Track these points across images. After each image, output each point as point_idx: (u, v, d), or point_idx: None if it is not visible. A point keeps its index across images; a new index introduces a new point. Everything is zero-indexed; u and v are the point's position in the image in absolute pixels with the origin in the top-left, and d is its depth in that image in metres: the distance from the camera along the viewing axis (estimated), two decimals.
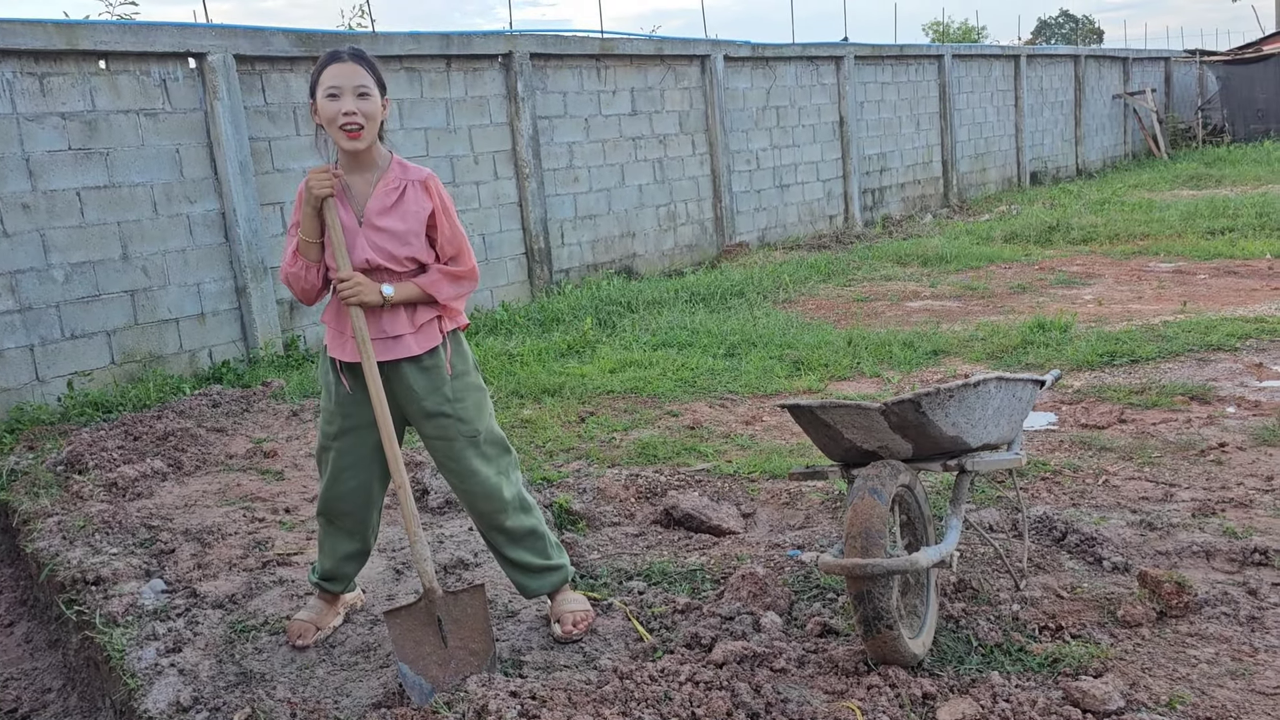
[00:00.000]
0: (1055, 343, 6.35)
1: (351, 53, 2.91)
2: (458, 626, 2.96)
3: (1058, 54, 20.14)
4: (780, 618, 3.10)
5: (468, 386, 3.08)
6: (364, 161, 2.97)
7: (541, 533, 3.23)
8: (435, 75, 9.01)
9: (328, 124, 2.88)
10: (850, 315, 8.11)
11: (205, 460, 5.35)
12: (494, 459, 3.12)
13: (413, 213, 2.94)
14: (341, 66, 2.86)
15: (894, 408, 2.75)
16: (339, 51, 2.91)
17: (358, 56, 2.91)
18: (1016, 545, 3.49)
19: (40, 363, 6.65)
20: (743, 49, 12.30)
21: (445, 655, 2.93)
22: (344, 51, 2.91)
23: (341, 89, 2.84)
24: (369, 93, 2.87)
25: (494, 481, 3.09)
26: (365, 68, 2.89)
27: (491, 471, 3.09)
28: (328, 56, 2.91)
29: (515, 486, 3.18)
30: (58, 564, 4.06)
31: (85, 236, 6.83)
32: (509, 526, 3.14)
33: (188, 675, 3.13)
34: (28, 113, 6.55)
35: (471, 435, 3.06)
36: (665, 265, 11.38)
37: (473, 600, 3.00)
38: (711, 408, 5.74)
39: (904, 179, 15.58)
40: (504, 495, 3.11)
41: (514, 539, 3.17)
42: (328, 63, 2.89)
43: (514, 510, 3.14)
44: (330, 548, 3.26)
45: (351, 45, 3.01)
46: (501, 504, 3.10)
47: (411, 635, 2.93)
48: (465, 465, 3.07)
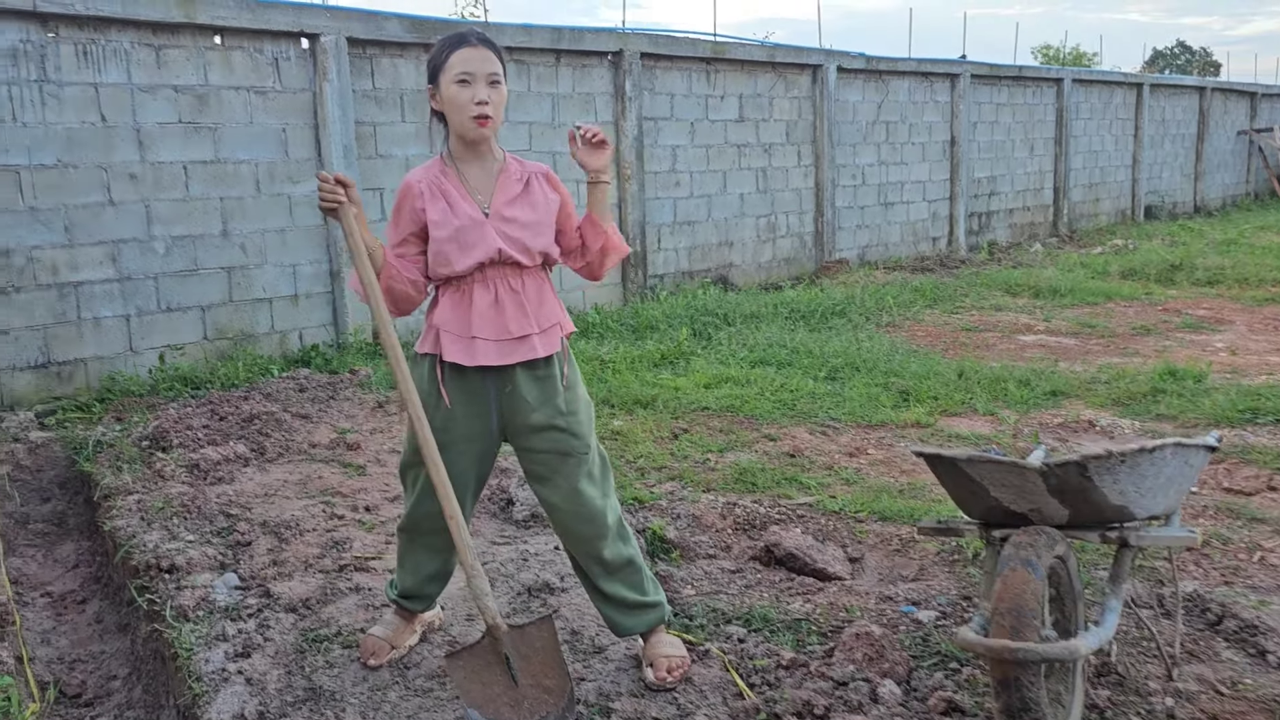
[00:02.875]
0: (1189, 393, 5.87)
1: (481, 37, 2.72)
2: (528, 663, 2.71)
3: (1183, 84, 19.24)
4: (899, 687, 2.79)
5: (579, 399, 2.85)
6: (483, 152, 2.78)
7: (639, 565, 2.97)
8: (544, 69, 8.84)
9: (455, 110, 2.67)
10: (959, 345, 7.69)
11: (288, 448, 5.23)
12: (600, 479, 2.88)
13: (542, 204, 2.79)
14: (473, 51, 2.67)
15: (1056, 469, 2.42)
16: (467, 35, 2.71)
17: (488, 42, 2.72)
18: (1166, 627, 3.11)
19: (135, 333, 6.64)
20: (856, 60, 11.91)
21: (517, 695, 2.67)
22: (473, 35, 2.71)
23: (474, 75, 2.66)
24: (500, 81, 2.71)
25: (598, 504, 2.84)
26: (496, 54, 2.72)
27: (597, 493, 2.85)
28: (454, 39, 2.71)
29: (616, 512, 2.93)
30: (133, 546, 3.95)
31: (188, 210, 6.80)
32: (606, 556, 2.88)
33: (255, 685, 2.95)
34: (142, 83, 6.54)
35: (583, 452, 2.82)
36: (762, 277, 11.06)
37: (541, 633, 2.75)
38: (812, 434, 5.42)
39: (1013, 204, 14.98)
40: (606, 520, 2.86)
41: (610, 570, 2.91)
42: (456, 45, 2.69)
43: (613, 538, 2.89)
44: (412, 565, 3.04)
45: (477, 29, 2.81)
46: (603, 529, 2.85)
47: (478, 677, 2.67)
48: (572, 484, 2.80)
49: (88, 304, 6.42)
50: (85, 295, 6.41)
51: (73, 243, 6.33)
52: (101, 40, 6.37)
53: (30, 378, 6.25)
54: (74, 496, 5.03)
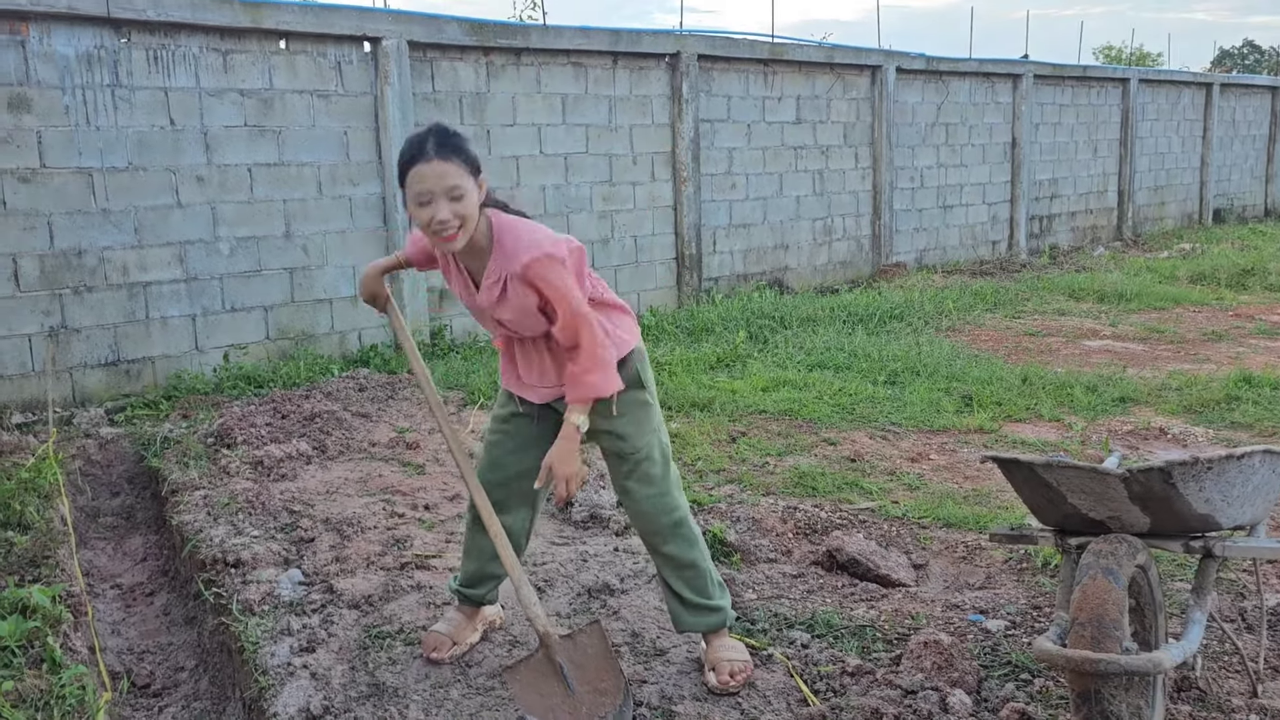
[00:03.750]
0: (1266, 401, 5.68)
1: (438, 148, 2.52)
2: (582, 670, 2.75)
3: (1255, 84, 18.70)
4: (969, 697, 2.72)
5: (628, 402, 2.84)
6: (470, 250, 2.68)
7: (703, 569, 2.96)
8: (601, 72, 8.85)
9: (420, 227, 2.62)
10: (1022, 350, 7.54)
11: (349, 446, 5.28)
12: (658, 480, 2.89)
13: (519, 305, 2.66)
14: (428, 167, 2.51)
15: (1139, 476, 2.34)
16: (424, 147, 2.52)
17: (445, 151, 2.52)
18: (1249, 641, 3.00)
19: (200, 332, 6.77)
20: (916, 61, 11.76)
21: (574, 703, 2.71)
22: (429, 147, 2.52)
23: (432, 194, 2.52)
24: (463, 194, 2.53)
25: (651, 503, 2.89)
26: (457, 161, 2.53)
27: (652, 492, 2.88)
28: (411, 151, 2.54)
29: (676, 512, 2.92)
30: (200, 540, 4.01)
31: (252, 212, 6.92)
32: (665, 552, 2.93)
33: (319, 680, 2.97)
34: (210, 88, 6.67)
35: (630, 453, 2.85)
36: (818, 281, 10.95)
37: (591, 638, 2.80)
38: (873, 439, 5.34)
39: (1075, 207, 14.67)
40: (660, 519, 2.90)
41: (673, 566, 2.95)
42: (411, 161, 2.53)
43: (671, 536, 2.91)
44: (476, 546, 3.07)
45: (438, 130, 2.56)
46: (658, 526, 2.90)
47: (535, 688, 2.72)
48: (619, 483, 2.93)
49: (156, 304, 6.56)
50: (154, 295, 6.55)
51: (142, 243, 6.47)
52: (171, 45, 6.50)
53: (101, 375, 6.39)
54: (142, 491, 5.13)
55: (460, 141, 2.58)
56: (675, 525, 2.91)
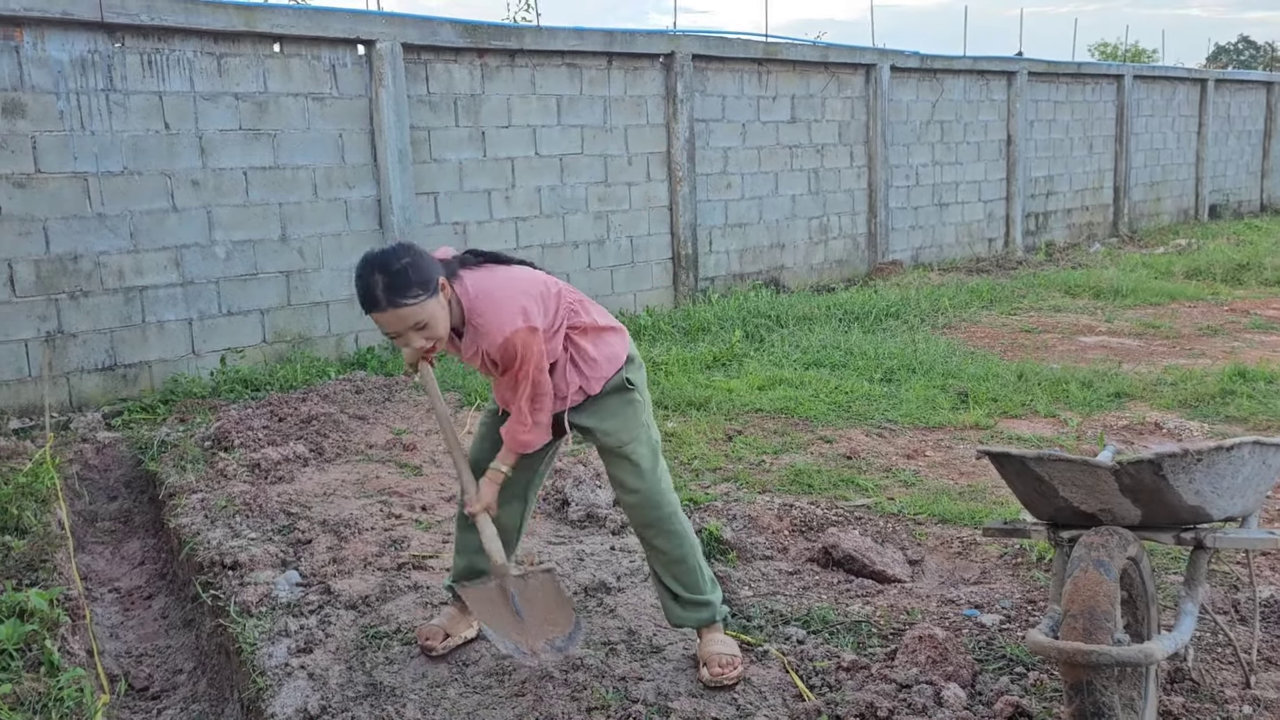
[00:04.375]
0: (1261, 395, 5.69)
1: (389, 296, 2.58)
2: (530, 605, 2.90)
3: (1249, 80, 18.74)
4: (963, 691, 2.73)
5: (615, 402, 2.93)
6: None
7: (693, 564, 3.00)
8: (595, 73, 8.87)
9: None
10: (1018, 347, 7.55)
11: (346, 448, 5.29)
12: (644, 474, 2.94)
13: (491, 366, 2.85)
14: (385, 315, 2.61)
15: (1129, 468, 2.35)
16: (374, 297, 2.59)
17: (396, 297, 2.58)
18: (1242, 632, 3.01)
19: (197, 336, 6.77)
20: (910, 59, 11.77)
21: (523, 626, 2.87)
22: (379, 296, 2.58)
23: (399, 333, 2.65)
24: (425, 322, 2.63)
25: (638, 497, 2.95)
26: (412, 301, 2.58)
27: (639, 486, 2.94)
28: (365, 301, 2.61)
29: (666, 506, 2.97)
30: (198, 543, 4.02)
31: (248, 215, 6.92)
32: (658, 545, 2.99)
33: (317, 680, 2.98)
34: (204, 91, 6.68)
35: (616, 446, 2.92)
36: (814, 280, 10.97)
37: (543, 581, 2.96)
38: (869, 437, 5.35)
39: (1071, 204, 14.69)
40: (650, 513, 2.95)
41: (665, 561, 3.00)
42: (367, 309, 2.62)
43: (662, 531, 2.96)
44: (465, 542, 3.13)
45: (383, 271, 2.59)
46: (648, 519, 2.96)
47: (489, 606, 2.88)
48: (612, 476, 3.00)
49: (152, 308, 6.57)
50: (150, 299, 6.55)
51: (138, 248, 6.47)
52: (165, 50, 6.51)
53: (98, 379, 6.40)
54: (140, 495, 5.14)
55: (409, 277, 2.58)
56: (666, 519, 2.95)
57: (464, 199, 8.05)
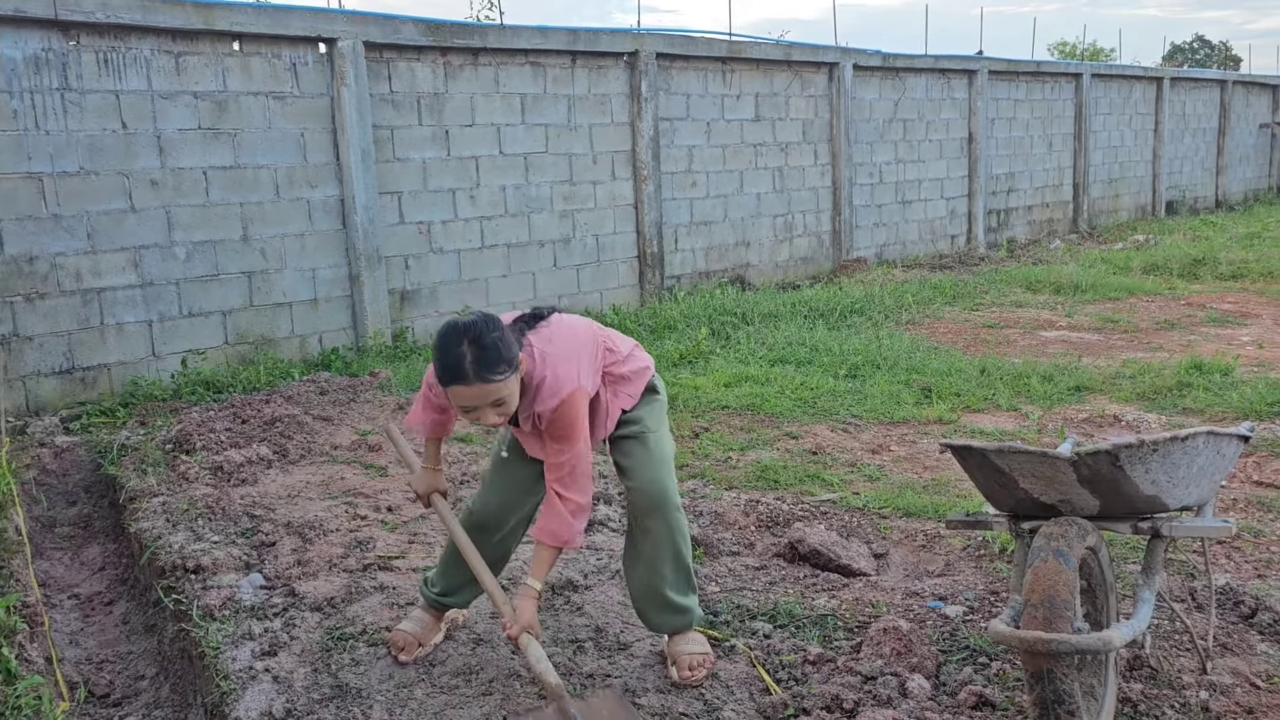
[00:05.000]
0: (1216, 387, 5.80)
1: (478, 371, 2.48)
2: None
3: (1203, 78, 19.07)
4: (928, 682, 2.76)
5: (644, 401, 2.99)
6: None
7: (685, 563, 2.98)
8: (560, 71, 8.85)
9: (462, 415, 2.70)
10: (980, 342, 7.64)
11: (310, 449, 5.24)
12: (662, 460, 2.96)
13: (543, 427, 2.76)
14: (469, 390, 2.51)
15: (1087, 459, 2.39)
16: (462, 369, 2.48)
17: (485, 373, 2.48)
18: (1199, 619, 3.07)
19: (157, 339, 6.68)
20: (873, 58, 11.87)
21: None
22: (468, 369, 2.48)
23: (476, 407, 2.56)
24: (505, 399, 2.55)
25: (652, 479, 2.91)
26: (499, 378, 2.50)
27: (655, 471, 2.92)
28: (450, 372, 2.51)
29: (674, 496, 2.95)
30: (159, 547, 3.97)
31: (208, 216, 6.84)
32: (658, 534, 2.92)
33: (282, 683, 2.95)
34: (162, 90, 6.59)
35: (642, 431, 2.93)
36: (779, 277, 11.02)
37: (607, 699, 2.70)
38: (834, 432, 5.39)
39: (1032, 201, 14.88)
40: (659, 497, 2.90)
41: (660, 555, 2.93)
42: (451, 381, 2.52)
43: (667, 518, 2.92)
44: (457, 569, 3.07)
45: (476, 344, 2.48)
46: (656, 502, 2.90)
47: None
48: (628, 460, 2.93)
49: (111, 310, 6.47)
50: (108, 301, 6.46)
51: (95, 249, 6.37)
52: (122, 48, 6.41)
53: (55, 383, 6.30)
54: (99, 500, 5.06)
55: (500, 353, 2.50)
56: (674, 508, 2.91)
57: (428, 198, 8.01)
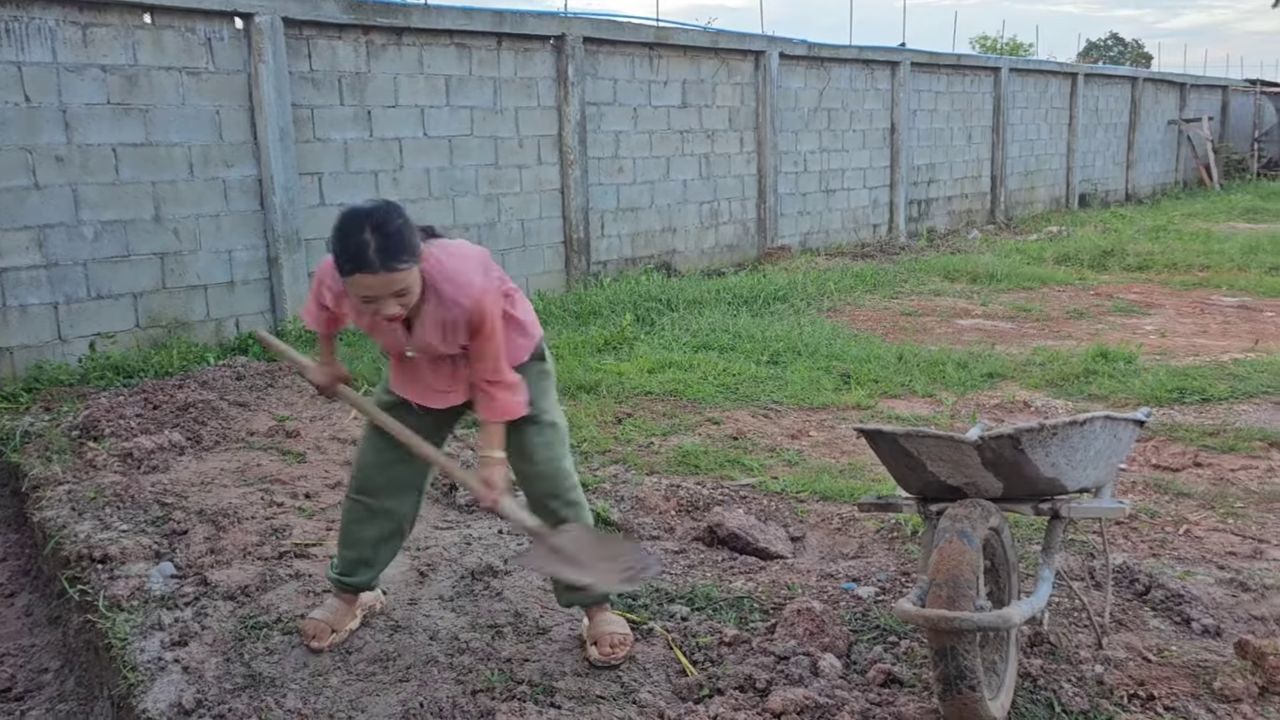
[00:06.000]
0: (1120, 374, 6.02)
1: (383, 259, 2.40)
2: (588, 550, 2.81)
3: (1116, 74, 19.68)
4: (839, 660, 2.83)
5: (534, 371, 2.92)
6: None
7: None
8: (485, 53, 8.76)
9: (357, 316, 2.66)
10: (899, 329, 7.80)
11: (225, 436, 5.13)
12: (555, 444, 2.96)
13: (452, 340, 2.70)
14: (374, 279, 2.42)
15: (990, 443, 2.47)
16: (365, 257, 2.39)
17: (390, 261, 2.40)
18: (1096, 597, 3.20)
19: (63, 321, 6.46)
20: (799, 47, 11.98)
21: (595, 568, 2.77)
22: (372, 257, 2.39)
23: (378, 298, 2.48)
24: (407, 289, 2.49)
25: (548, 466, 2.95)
26: (403, 266, 2.43)
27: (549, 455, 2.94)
28: (351, 259, 2.40)
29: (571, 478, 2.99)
30: (64, 537, 3.85)
31: (118, 194, 6.63)
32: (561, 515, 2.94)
33: (192, 674, 2.90)
34: (68, 63, 6.35)
35: (535, 415, 2.89)
36: (705, 264, 11.10)
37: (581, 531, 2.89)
38: (755, 418, 5.46)
39: (951, 192, 15.21)
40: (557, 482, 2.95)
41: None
42: (353, 268, 2.42)
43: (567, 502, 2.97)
44: (356, 535, 3.05)
45: (379, 232, 2.39)
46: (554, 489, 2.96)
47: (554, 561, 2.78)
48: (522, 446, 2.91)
49: (13, 291, 6.23)
50: (10, 282, 6.21)
51: None
52: (25, 17, 6.16)
53: None
54: (0, 488, 4.89)
55: (403, 239, 2.43)
56: (571, 489, 2.95)
57: (350, 180, 7.87)
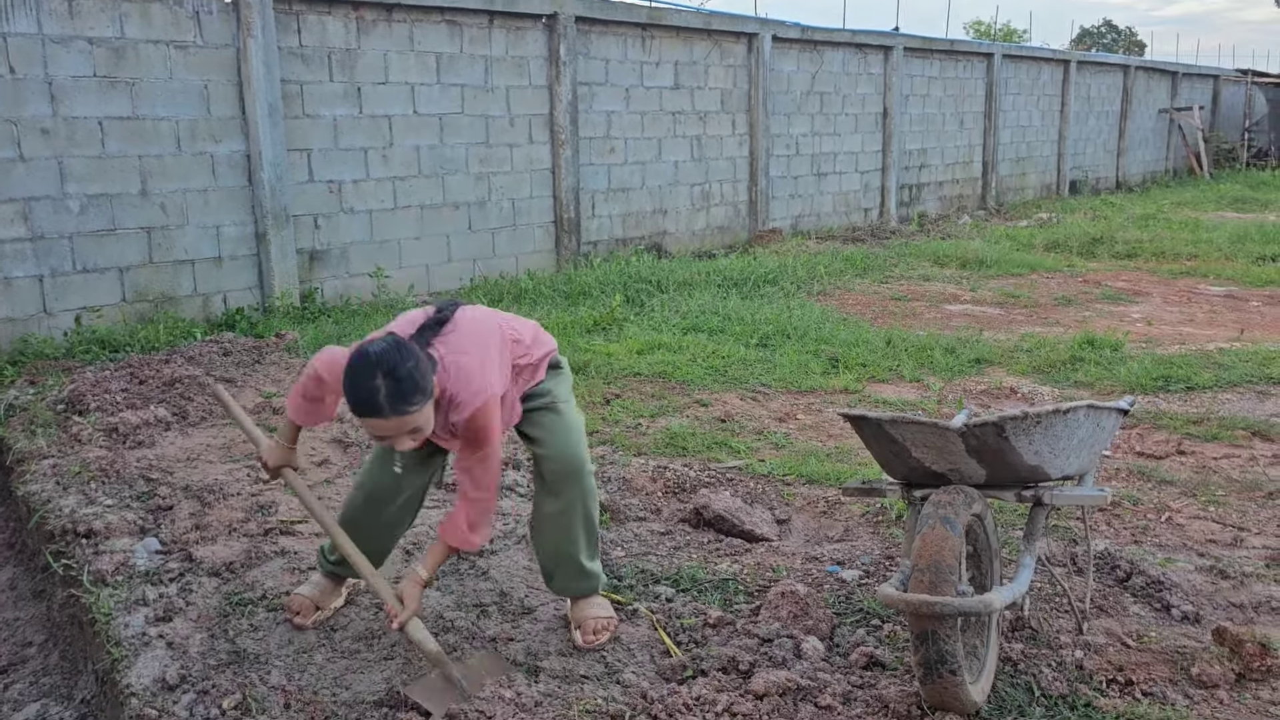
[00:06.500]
0: (1107, 362, 6.06)
1: (392, 404, 2.38)
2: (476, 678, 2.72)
3: (1108, 62, 19.67)
4: (822, 643, 2.85)
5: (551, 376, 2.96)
6: None
7: (594, 528, 3.00)
8: (476, 31, 8.70)
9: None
10: (888, 314, 7.82)
11: (211, 412, 5.11)
12: (573, 428, 2.96)
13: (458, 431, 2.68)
14: (384, 423, 2.42)
15: (975, 430, 2.48)
16: (375, 403, 2.38)
17: (401, 406, 2.39)
18: (1077, 583, 3.22)
19: (49, 295, 6.42)
20: (792, 30, 11.94)
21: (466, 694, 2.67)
22: (382, 402, 2.38)
23: (392, 436, 2.48)
24: (419, 427, 2.48)
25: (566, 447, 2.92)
26: (414, 408, 2.42)
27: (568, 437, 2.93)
28: (362, 405, 2.40)
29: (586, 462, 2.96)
30: (49, 511, 3.84)
31: (104, 168, 6.57)
32: (573, 500, 2.93)
33: (176, 649, 2.90)
34: (54, 34, 6.28)
35: (553, 401, 2.92)
36: (695, 246, 11.08)
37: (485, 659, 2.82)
38: (743, 400, 5.48)
39: (943, 177, 15.21)
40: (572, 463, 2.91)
41: (571, 519, 2.94)
42: (363, 413, 2.42)
43: (580, 483, 2.93)
44: (354, 522, 3.00)
45: (390, 376, 2.38)
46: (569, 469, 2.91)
47: (436, 697, 2.65)
48: (538, 429, 2.92)
49: None
50: None
51: None
52: None
53: None
54: None
55: (415, 383, 2.41)
56: (587, 474, 2.93)
57: (339, 156, 7.82)
